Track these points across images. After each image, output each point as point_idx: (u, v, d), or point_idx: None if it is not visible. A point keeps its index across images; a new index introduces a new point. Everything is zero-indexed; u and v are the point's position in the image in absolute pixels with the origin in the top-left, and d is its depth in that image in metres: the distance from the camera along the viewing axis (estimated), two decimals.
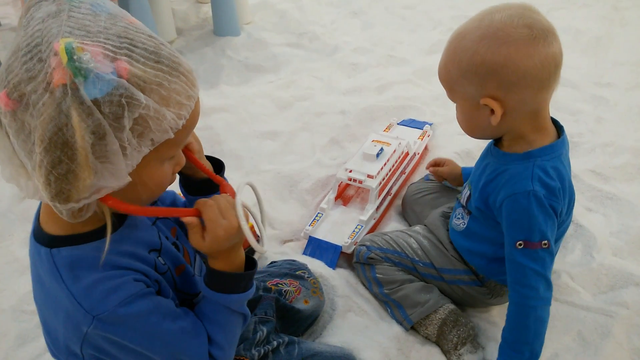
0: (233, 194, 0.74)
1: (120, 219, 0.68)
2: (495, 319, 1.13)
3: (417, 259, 1.13)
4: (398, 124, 1.72)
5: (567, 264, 1.25)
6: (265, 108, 1.93)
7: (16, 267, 1.30)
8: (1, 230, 1.42)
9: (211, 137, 1.74)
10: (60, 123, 0.52)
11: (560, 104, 1.84)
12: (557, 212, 0.90)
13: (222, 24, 2.39)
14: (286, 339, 0.99)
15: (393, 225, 1.37)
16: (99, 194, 0.57)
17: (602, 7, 2.56)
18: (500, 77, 0.85)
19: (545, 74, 0.85)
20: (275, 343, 0.97)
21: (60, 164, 0.54)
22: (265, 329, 0.99)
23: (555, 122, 0.96)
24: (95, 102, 0.53)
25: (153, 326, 0.66)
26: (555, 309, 1.14)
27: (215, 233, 0.67)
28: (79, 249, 0.63)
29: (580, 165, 1.54)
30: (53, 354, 0.72)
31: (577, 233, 1.32)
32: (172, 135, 0.59)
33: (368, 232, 1.32)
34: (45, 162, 0.54)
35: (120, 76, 0.54)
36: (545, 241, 0.89)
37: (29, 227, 0.68)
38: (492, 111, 0.88)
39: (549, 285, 0.91)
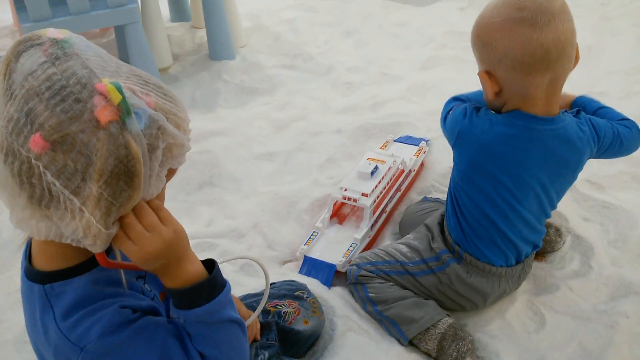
0: None
1: (108, 247, 0.69)
2: (495, 333, 1.13)
3: (406, 261, 1.14)
4: (394, 141, 1.73)
5: (566, 275, 1.25)
6: (262, 130, 1.95)
7: (18, 298, 1.30)
8: (3, 261, 1.43)
9: (209, 161, 1.76)
10: (121, 155, 0.56)
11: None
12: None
13: (217, 48, 2.42)
14: None
15: (388, 243, 1.37)
16: None
17: (592, 17, 2.59)
18: (487, 54, 0.92)
19: (528, 57, 0.86)
20: None
21: (122, 193, 0.58)
22: (267, 353, 0.99)
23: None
24: (142, 133, 0.58)
25: (140, 350, 0.66)
26: (556, 321, 1.15)
27: (145, 249, 0.62)
28: (71, 282, 0.65)
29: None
30: None
31: (575, 244, 1.33)
32: (185, 160, 0.65)
33: (363, 251, 1.33)
34: (106, 194, 0.57)
35: (152, 109, 0.59)
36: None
37: None
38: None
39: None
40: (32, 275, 0.66)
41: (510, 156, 0.96)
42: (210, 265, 0.71)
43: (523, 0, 0.86)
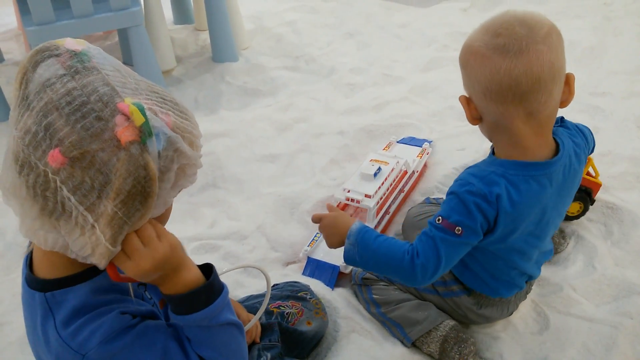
0: None
1: None
2: (499, 334, 1.13)
3: None
4: (397, 142, 1.74)
5: (569, 275, 1.25)
6: (265, 131, 1.95)
7: None
8: (8, 263, 1.44)
9: (212, 162, 1.76)
10: (140, 176, 0.57)
11: (557, 115, 1.85)
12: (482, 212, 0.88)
13: (220, 50, 2.43)
14: None
15: None
16: None
17: (594, 17, 2.58)
18: (465, 78, 0.89)
19: (495, 86, 0.81)
20: None
21: (136, 213, 0.58)
22: (269, 355, 0.99)
23: (559, 141, 0.92)
24: (159, 154, 0.58)
25: (141, 355, 0.66)
26: (559, 321, 1.15)
27: (141, 265, 0.62)
28: (72, 290, 0.65)
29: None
30: None
31: (578, 244, 1.32)
32: (196, 179, 0.65)
33: None
34: (120, 213, 0.57)
35: (170, 129, 0.59)
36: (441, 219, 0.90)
37: None
38: None
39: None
40: (33, 283, 0.67)
41: (534, 209, 0.92)
42: (207, 269, 0.71)
43: (500, 27, 0.82)
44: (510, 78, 0.80)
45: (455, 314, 1.10)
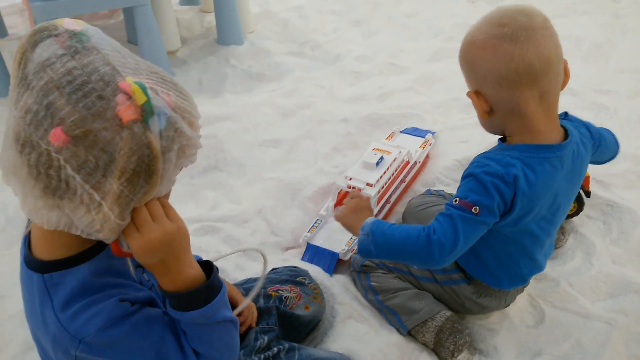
0: None
1: None
2: (494, 326, 1.14)
3: None
4: (400, 132, 1.73)
5: (567, 271, 1.26)
6: (268, 116, 1.95)
7: None
8: (9, 237, 1.44)
9: (215, 145, 1.76)
10: (143, 154, 0.58)
11: (560, 111, 1.85)
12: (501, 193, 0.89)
13: (226, 33, 2.42)
14: (286, 345, 1.00)
15: None
16: None
17: (603, 14, 2.57)
18: (473, 72, 0.91)
19: (512, 73, 0.86)
20: (275, 349, 0.98)
21: (141, 189, 0.59)
22: (266, 337, 1.01)
23: (566, 127, 0.96)
24: (160, 133, 0.59)
25: (138, 343, 0.66)
26: (554, 316, 1.16)
27: (147, 236, 0.62)
28: (71, 272, 0.65)
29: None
30: None
31: (577, 241, 1.33)
32: (196, 159, 0.65)
33: None
34: (126, 191, 0.58)
35: (171, 110, 0.60)
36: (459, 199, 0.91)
37: None
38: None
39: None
40: (32, 263, 0.67)
41: (548, 191, 0.94)
42: (207, 267, 0.71)
43: (503, 18, 0.87)
44: (525, 62, 0.85)
45: (452, 302, 1.11)
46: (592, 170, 1.58)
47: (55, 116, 0.55)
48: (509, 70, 0.86)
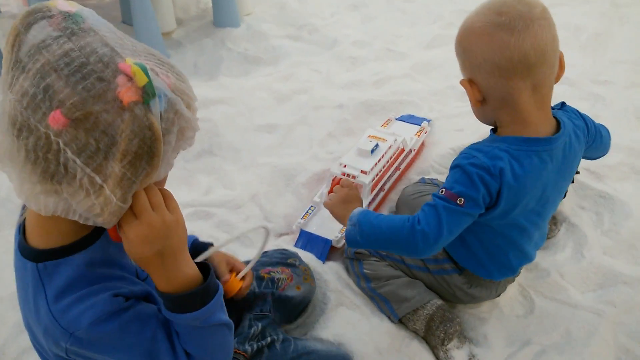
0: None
1: (101, 228, 0.67)
2: (484, 315, 1.15)
3: None
4: (396, 119, 1.73)
5: (558, 261, 1.27)
6: (264, 101, 1.94)
7: (13, 256, 1.32)
8: (0, 219, 1.44)
9: (210, 129, 1.75)
10: (145, 136, 0.56)
11: (557, 101, 1.84)
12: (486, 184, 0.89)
13: (222, 15, 2.39)
14: (281, 335, 1.01)
15: None
16: None
17: (602, 3, 2.55)
18: (468, 59, 0.91)
19: (506, 61, 0.85)
20: (269, 339, 0.99)
21: (142, 172, 0.58)
22: (260, 324, 1.01)
23: (559, 120, 0.95)
24: (160, 115, 0.58)
25: (129, 340, 0.66)
26: (544, 306, 1.17)
27: (146, 224, 0.61)
28: (65, 261, 0.65)
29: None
30: (40, 354, 0.74)
31: (569, 231, 1.34)
32: (194, 142, 0.65)
33: None
34: (129, 174, 0.57)
35: (171, 91, 0.59)
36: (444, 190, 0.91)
37: None
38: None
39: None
40: (26, 252, 0.66)
41: (536, 184, 0.94)
42: (204, 268, 0.70)
43: (502, 7, 0.86)
44: (520, 52, 0.85)
45: (444, 292, 1.12)
46: (587, 160, 1.58)
47: (53, 99, 0.54)
48: (503, 59, 0.85)
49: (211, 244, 0.77)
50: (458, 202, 0.89)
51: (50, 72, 0.54)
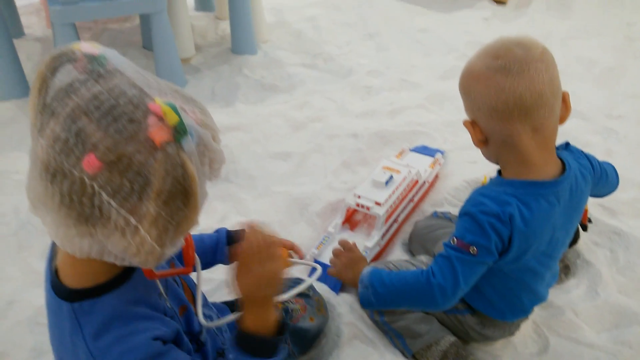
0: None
1: (131, 267, 0.69)
2: (498, 353, 1.15)
3: None
4: (410, 150, 1.74)
5: (572, 299, 1.26)
6: (279, 128, 1.96)
7: (33, 279, 1.34)
8: (20, 241, 1.46)
9: (226, 155, 1.77)
10: (178, 175, 0.57)
11: (570, 135, 1.85)
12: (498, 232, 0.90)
13: (240, 42, 2.44)
14: None
15: (397, 254, 1.39)
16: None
17: (615, 37, 2.57)
18: (468, 103, 0.93)
19: (501, 105, 0.86)
20: None
21: (179, 212, 0.59)
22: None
23: (564, 161, 0.96)
24: (194, 153, 0.59)
25: None
26: (558, 345, 1.16)
27: (257, 272, 0.72)
28: (100, 301, 0.66)
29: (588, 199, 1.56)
30: None
31: (583, 269, 1.33)
32: (221, 174, 0.67)
33: (373, 259, 1.34)
34: (164, 214, 0.58)
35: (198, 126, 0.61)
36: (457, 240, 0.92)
37: (47, 240, 0.69)
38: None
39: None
40: (60, 291, 0.67)
41: (545, 227, 0.94)
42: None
43: (499, 50, 0.88)
44: (515, 95, 0.86)
45: (457, 330, 1.12)
46: (599, 198, 1.58)
47: (86, 143, 0.55)
48: (499, 103, 0.87)
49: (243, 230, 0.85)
50: (471, 251, 0.90)
51: (81, 116, 0.55)
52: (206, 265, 1.01)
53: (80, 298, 0.66)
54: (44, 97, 0.57)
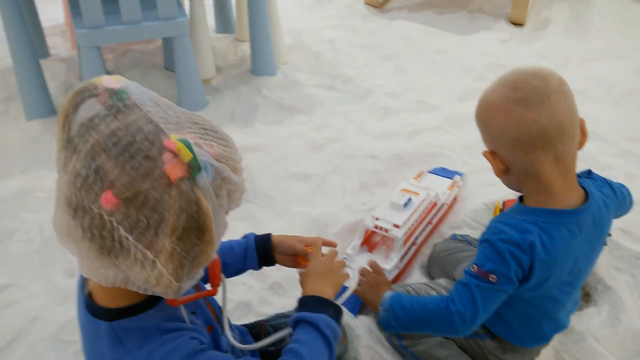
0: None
1: None
2: None
3: None
4: (429, 172, 1.75)
5: (593, 325, 1.25)
6: (298, 149, 1.99)
7: (56, 296, 1.37)
8: (44, 259, 1.49)
9: (245, 176, 1.79)
10: (192, 211, 0.59)
11: (590, 158, 1.84)
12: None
13: (260, 63, 2.48)
14: None
15: (416, 277, 1.39)
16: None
17: (635, 59, 2.56)
18: (487, 133, 0.94)
19: (524, 136, 0.87)
20: None
21: (194, 247, 0.60)
22: None
23: (587, 189, 0.96)
24: (209, 188, 0.60)
25: None
26: None
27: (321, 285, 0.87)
28: (139, 318, 0.68)
29: None
30: None
31: (605, 295, 1.32)
32: (242, 202, 0.68)
33: (391, 282, 1.34)
34: (179, 249, 0.59)
35: (215, 160, 0.62)
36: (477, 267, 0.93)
37: (70, 258, 0.71)
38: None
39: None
40: (96, 311, 0.69)
41: (566, 257, 0.94)
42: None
43: (516, 82, 0.88)
44: (537, 127, 0.86)
45: (476, 355, 1.11)
46: (622, 220, 1.56)
47: (104, 180, 0.57)
48: (522, 134, 0.87)
49: (269, 234, 0.99)
50: (491, 279, 0.90)
51: (100, 153, 0.58)
52: (237, 272, 1.02)
53: (119, 316, 0.68)
54: (67, 132, 0.60)
